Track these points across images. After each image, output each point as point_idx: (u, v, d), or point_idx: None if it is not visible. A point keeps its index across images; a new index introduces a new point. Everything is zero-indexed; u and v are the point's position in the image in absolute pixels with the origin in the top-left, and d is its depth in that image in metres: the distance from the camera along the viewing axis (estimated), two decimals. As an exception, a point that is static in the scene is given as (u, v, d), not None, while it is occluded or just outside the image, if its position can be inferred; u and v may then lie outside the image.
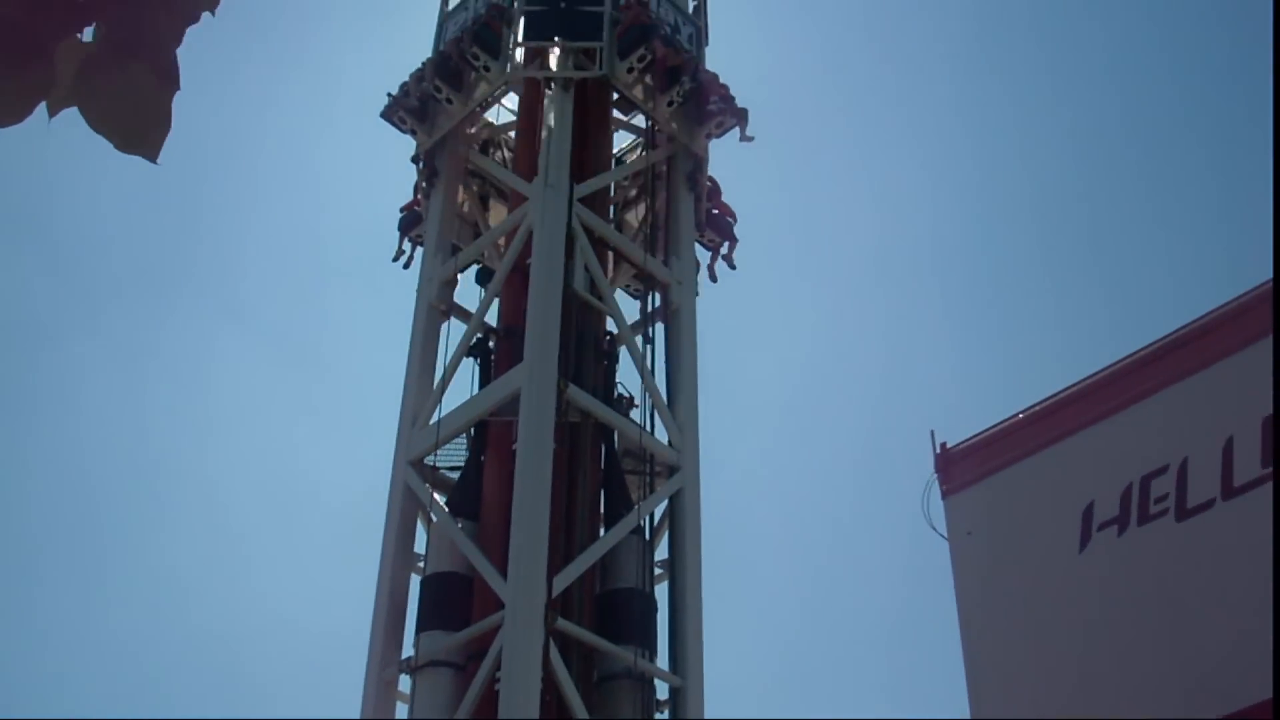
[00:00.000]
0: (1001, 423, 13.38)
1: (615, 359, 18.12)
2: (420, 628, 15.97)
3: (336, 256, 51.36)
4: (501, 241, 18.91)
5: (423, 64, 19.66)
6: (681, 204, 19.15)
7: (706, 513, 17.13)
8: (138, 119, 4.02)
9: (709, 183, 19.67)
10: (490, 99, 19.81)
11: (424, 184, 19.48)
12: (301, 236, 49.00)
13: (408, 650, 16.08)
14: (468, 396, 17.48)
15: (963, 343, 50.06)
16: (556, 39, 18.87)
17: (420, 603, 16.26)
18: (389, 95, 19.67)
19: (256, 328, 47.97)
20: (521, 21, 19.02)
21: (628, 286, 19.77)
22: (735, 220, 20.14)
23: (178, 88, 3.99)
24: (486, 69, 19.05)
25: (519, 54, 19.07)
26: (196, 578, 44.12)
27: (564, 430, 16.32)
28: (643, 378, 17.50)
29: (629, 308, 18.82)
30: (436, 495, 16.90)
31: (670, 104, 19.15)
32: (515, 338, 17.26)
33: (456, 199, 19.64)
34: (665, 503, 17.02)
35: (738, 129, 19.45)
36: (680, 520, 16.97)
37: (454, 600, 15.91)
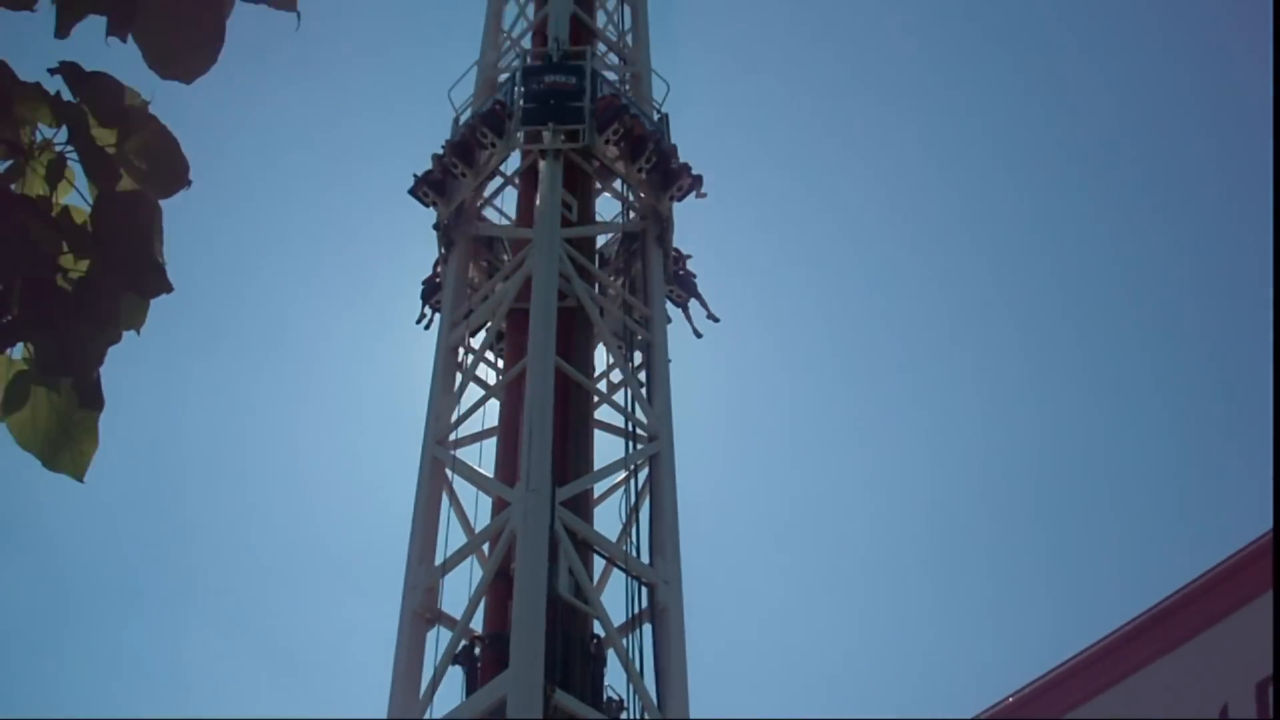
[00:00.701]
0: (994, 705, 13.20)
1: (603, 661, 17.91)
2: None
3: (331, 562, 51.28)
4: (485, 547, 18.94)
5: (443, 145, 22.98)
6: (652, 260, 22.16)
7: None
8: (65, 439, 4.13)
9: (675, 251, 22.73)
10: (495, 170, 23.19)
11: (443, 251, 22.52)
12: (291, 542, 49.02)
13: None
14: (454, 705, 17.22)
15: (949, 621, 49.66)
16: (548, 124, 22.19)
17: None
18: (415, 175, 22.92)
19: (242, 633, 47.55)
20: (519, 111, 22.52)
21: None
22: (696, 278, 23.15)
23: (102, 407, 4.11)
24: (493, 144, 22.46)
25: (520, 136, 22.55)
26: None
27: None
28: (631, 680, 17.30)
29: (616, 607, 18.72)
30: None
31: (640, 170, 22.47)
32: (500, 644, 17.12)
33: (467, 271, 22.63)
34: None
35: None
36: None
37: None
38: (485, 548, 18.96)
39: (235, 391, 52.63)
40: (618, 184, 23.38)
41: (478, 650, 17.89)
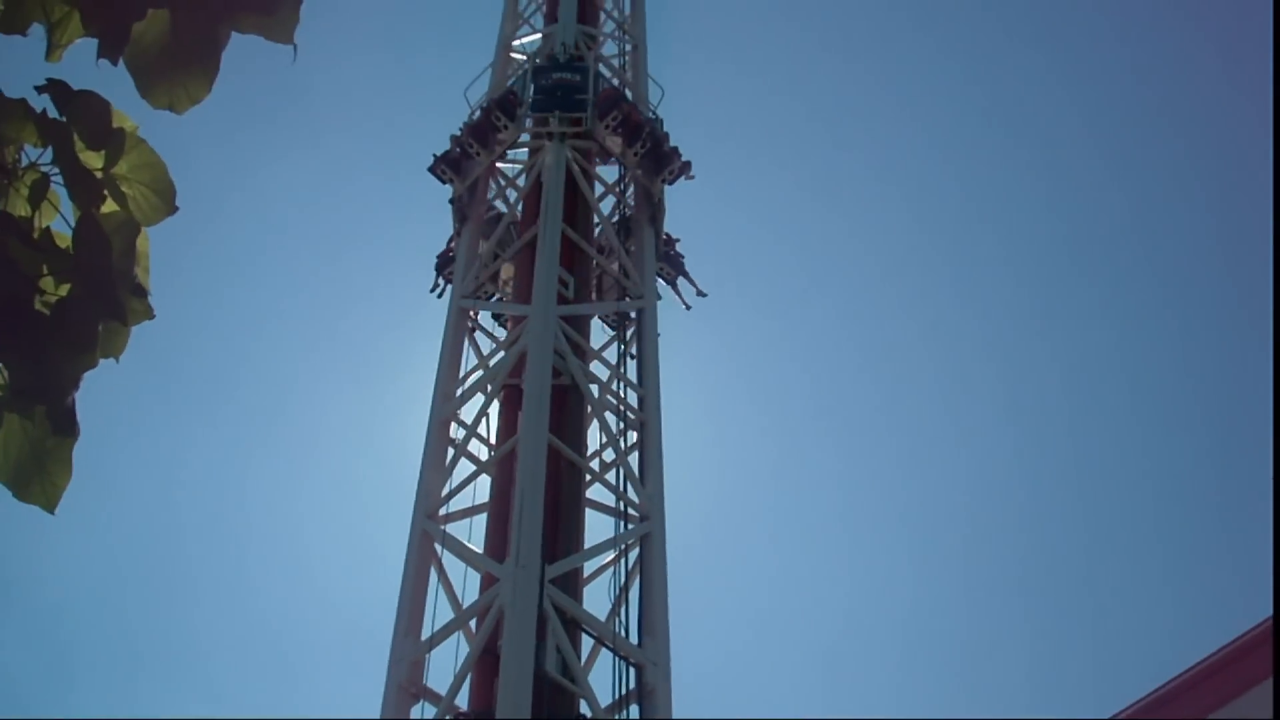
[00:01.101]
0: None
1: (590, 741, 17.61)
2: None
3: (316, 635, 50.85)
4: (473, 623, 18.68)
5: (460, 128, 25.11)
6: (645, 241, 23.91)
7: None
8: (37, 469, 3.97)
9: (665, 235, 24.85)
10: (506, 150, 25.09)
11: (457, 225, 24.61)
12: (282, 614, 48.62)
13: None
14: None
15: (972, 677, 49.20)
16: (555, 112, 24.24)
17: None
18: (434, 155, 25.03)
19: (237, 708, 47.03)
20: (530, 100, 24.68)
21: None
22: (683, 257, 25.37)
23: (77, 435, 3.96)
24: (505, 126, 24.64)
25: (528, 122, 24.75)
26: None
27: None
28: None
29: (603, 687, 18.42)
30: None
31: (635, 154, 24.65)
32: (486, 723, 16.83)
33: (478, 247, 24.20)
34: None
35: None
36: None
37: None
38: (473, 624, 18.69)
39: (232, 457, 52.37)
40: (612, 182, 25.30)
41: (462, 729, 17.59)
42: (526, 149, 25.39)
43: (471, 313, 23.63)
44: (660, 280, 24.44)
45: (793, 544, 52.52)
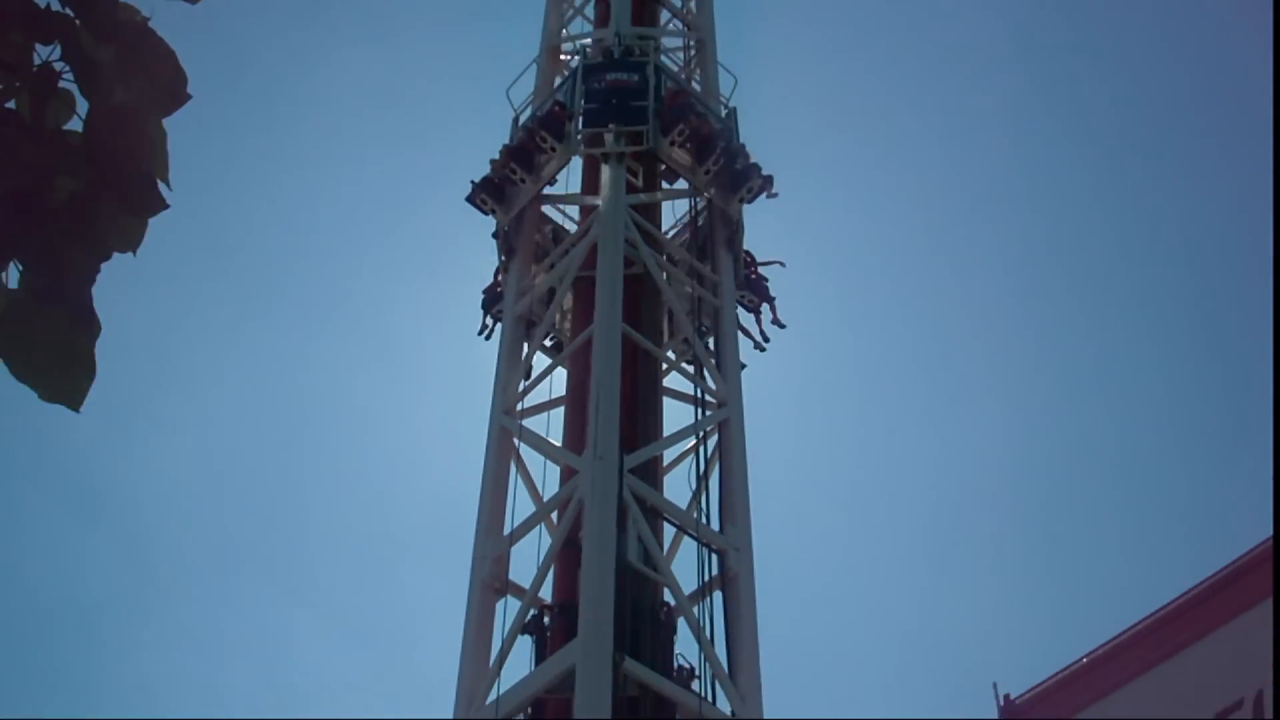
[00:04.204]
0: (1065, 669, 12.86)
1: (673, 629, 17.70)
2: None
3: (401, 533, 51.53)
4: (554, 515, 18.77)
5: (500, 150, 22.27)
6: (722, 265, 21.43)
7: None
8: (61, 368, 3.94)
9: (746, 255, 22.15)
10: (555, 176, 22.26)
11: (503, 258, 22.00)
12: (367, 514, 49.34)
13: None
14: (524, 674, 17.10)
15: (1012, 587, 49.22)
16: (610, 125, 21.51)
17: None
18: (472, 182, 22.21)
19: (324, 607, 47.93)
20: (580, 111, 21.90)
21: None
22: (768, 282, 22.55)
23: (98, 332, 3.92)
24: (553, 149, 21.82)
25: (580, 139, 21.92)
26: None
27: (622, 705, 15.86)
28: (702, 648, 17.07)
29: (686, 575, 18.48)
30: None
31: (707, 172, 21.66)
32: (569, 613, 16.95)
33: (530, 274, 21.83)
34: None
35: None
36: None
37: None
38: (554, 516, 18.79)
39: (296, 355, 52.80)
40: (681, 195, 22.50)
41: (547, 620, 17.75)
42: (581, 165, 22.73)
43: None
44: (741, 308, 21.93)
45: (875, 429, 52.39)
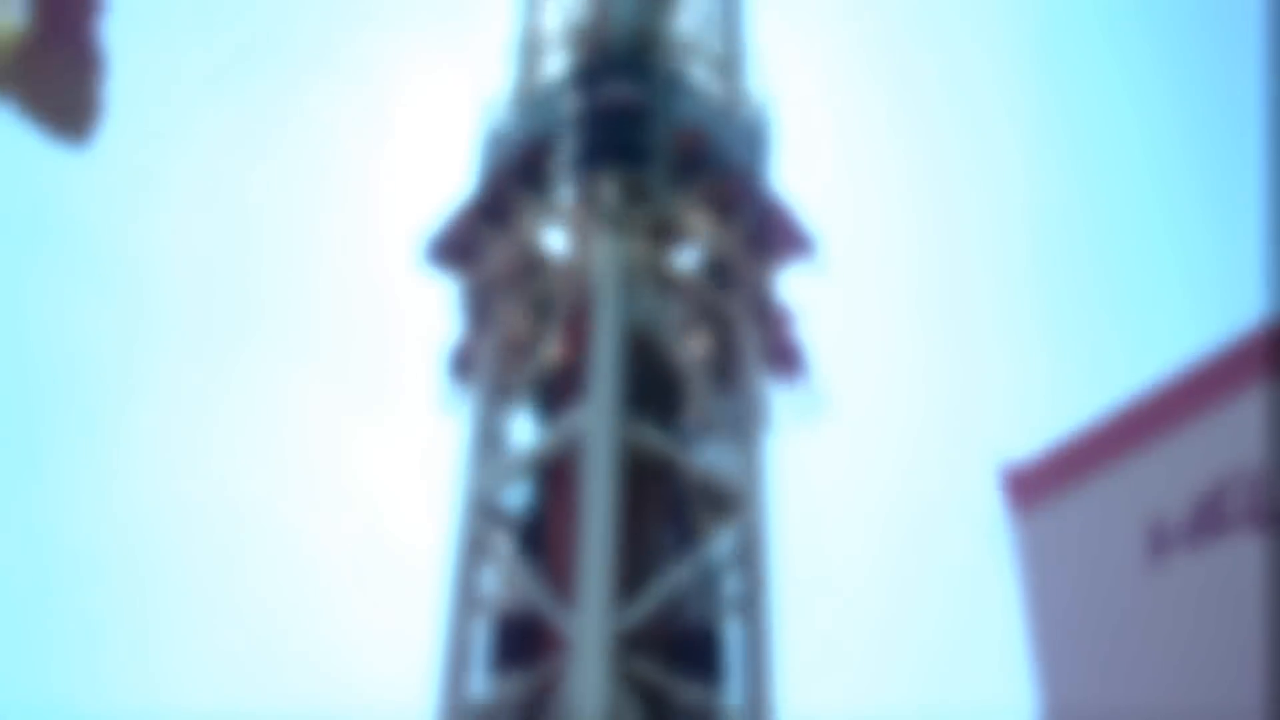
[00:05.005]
0: (1069, 435, 12.95)
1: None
2: (490, 668, 15.78)
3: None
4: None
5: (463, 203, 17.85)
6: (745, 344, 17.33)
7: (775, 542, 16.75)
8: (69, 106, 3.92)
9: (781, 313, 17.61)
10: (534, 234, 17.80)
11: (473, 324, 17.59)
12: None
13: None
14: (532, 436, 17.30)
15: (1017, 350, 49.48)
16: (605, 163, 16.86)
17: (489, 643, 16.04)
18: (428, 241, 17.91)
19: (323, 361, 48.04)
20: (568, 149, 17.24)
21: None
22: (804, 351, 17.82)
23: (106, 70, 3.89)
24: (529, 205, 17.42)
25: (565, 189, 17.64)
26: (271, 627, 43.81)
27: (629, 466, 16.03)
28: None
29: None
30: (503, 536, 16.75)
31: (731, 235, 17.24)
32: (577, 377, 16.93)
33: (509, 338, 17.66)
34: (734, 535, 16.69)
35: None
36: (751, 552, 16.45)
37: (523, 640, 15.69)
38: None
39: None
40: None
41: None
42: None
43: None
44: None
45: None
